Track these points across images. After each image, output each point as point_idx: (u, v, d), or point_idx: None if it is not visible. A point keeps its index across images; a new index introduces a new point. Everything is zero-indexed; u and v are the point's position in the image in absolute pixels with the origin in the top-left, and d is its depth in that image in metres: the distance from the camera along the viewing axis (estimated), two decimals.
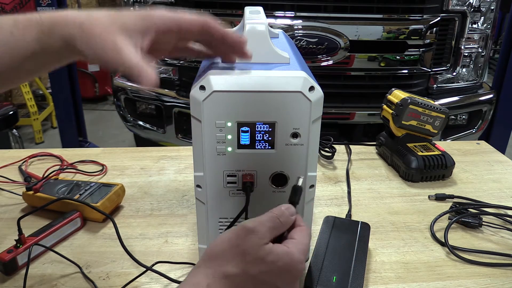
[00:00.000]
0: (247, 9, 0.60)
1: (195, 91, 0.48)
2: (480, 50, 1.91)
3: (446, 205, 0.79)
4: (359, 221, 0.67)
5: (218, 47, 0.50)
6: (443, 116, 0.91)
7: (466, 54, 1.90)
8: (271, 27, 0.54)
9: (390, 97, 0.94)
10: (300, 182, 0.48)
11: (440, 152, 0.90)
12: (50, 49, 0.43)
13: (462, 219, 0.72)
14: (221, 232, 0.56)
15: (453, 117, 2.00)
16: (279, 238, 0.44)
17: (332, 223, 0.66)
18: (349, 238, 0.63)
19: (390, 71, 1.83)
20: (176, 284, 0.58)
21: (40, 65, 0.46)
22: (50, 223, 0.67)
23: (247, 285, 0.40)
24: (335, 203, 0.80)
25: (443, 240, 0.68)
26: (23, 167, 0.89)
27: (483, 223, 0.73)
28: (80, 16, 0.43)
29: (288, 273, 0.41)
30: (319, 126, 0.50)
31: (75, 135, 2.47)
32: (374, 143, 1.02)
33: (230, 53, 0.49)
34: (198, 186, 0.53)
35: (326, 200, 0.81)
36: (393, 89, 0.96)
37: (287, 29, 1.68)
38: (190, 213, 0.75)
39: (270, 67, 0.50)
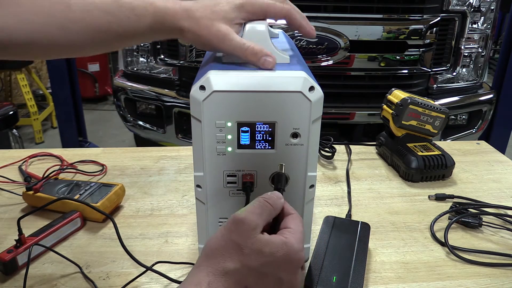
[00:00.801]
0: None
1: (195, 91, 0.48)
2: (480, 50, 1.91)
3: (446, 205, 0.79)
4: (359, 221, 0.67)
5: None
6: (443, 116, 0.91)
7: (466, 54, 1.90)
8: (271, 27, 0.54)
9: (390, 97, 0.94)
10: (283, 169, 0.49)
11: (440, 152, 0.90)
12: (159, 33, 0.51)
13: (462, 219, 0.72)
14: None
15: (453, 117, 2.00)
16: (273, 228, 0.44)
17: (332, 223, 0.66)
18: (349, 238, 0.63)
19: (390, 71, 1.83)
20: (176, 284, 0.58)
21: (144, 41, 0.54)
22: (50, 223, 0.67)
23: (248, 278, 0.40)
24: (335, 203, 0.80)
25: (443, 240, 0.68)
26: (23, 167, 0.89)
27: (483, 223, 0.73)
28: (187, 9, 0.50)
29: (288, 263, 0.41)
30: (319, 126, 0.50)
31: (75, 135, 2.47)
32: (374, 143, 1.02)
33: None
34: (198, 186, 0.53)
35: (326, 200, 0.81)
36: (393, 89, 0.96)
37: (287, 29, 1.68)
38: (190, 213, 0.75)
39: None
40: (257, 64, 0.49)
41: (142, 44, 1.92)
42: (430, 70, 1.87)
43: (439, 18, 1.79)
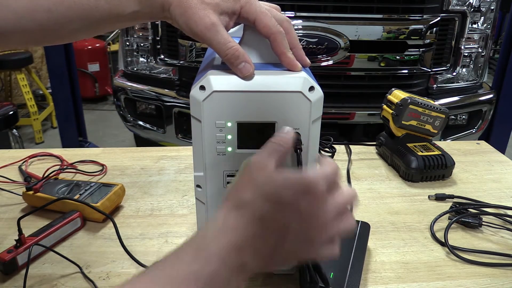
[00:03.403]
0: None
1: (195, 91, 0.48)
2: (480, 50, 1.91)
3: (446, 205, 0.79)
4: (359, 221, 0.67)
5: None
6: (443, 116, 0.91)
7: (466, 54, 1.90)
8: None
9: (390, 97, 0.94)
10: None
11: (440, 152, 0.90)
12: (148, 9, 0.48)
13: (462, 219, 0.72)
14: None
15: (453, 117, 2.00)
16: None
17: None
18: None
19: (390, 71, 1.83)
20: None
21: (135, 21, 0.50)
22: (50, 223, 0.67)
23: (264, 207, 0.38)
24: None
25: (443, 240, 0.68)
26: (23, 167, 0.89)
27: (483, 223, 0.73)
28: None
29: (305, 192, 0.38)
30: (319, 126, 0.50)
31: (75, 135, 2.47)
32: (374, 143, 1.02)
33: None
34: (198, 186, 0.53)
35: None
36: (393, 89, 0.96)
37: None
38: (190, 213, 0.75)
39: (270, 67, 0.50)
40: (233, 68, 0.47)
41: (142, 44, 1.92)
42: (430, 70, 1.87)
43: (439, 18, 1.79)
